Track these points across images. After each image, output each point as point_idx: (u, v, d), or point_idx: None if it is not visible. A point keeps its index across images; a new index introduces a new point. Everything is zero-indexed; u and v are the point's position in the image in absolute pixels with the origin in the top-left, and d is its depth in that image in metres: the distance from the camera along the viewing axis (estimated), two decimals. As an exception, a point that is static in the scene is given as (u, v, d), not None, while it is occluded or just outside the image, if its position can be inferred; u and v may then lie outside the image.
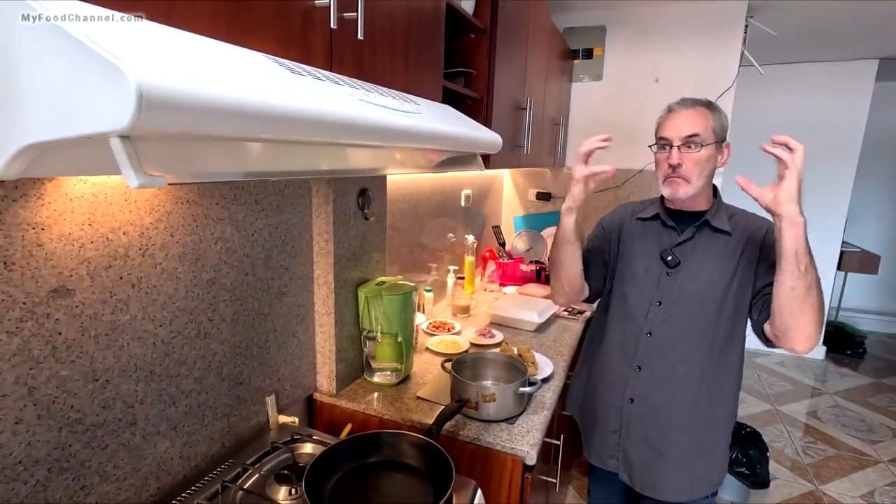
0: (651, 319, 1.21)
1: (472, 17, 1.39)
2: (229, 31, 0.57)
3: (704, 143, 1.10)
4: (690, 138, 1.10)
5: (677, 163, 1.11)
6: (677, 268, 1.19)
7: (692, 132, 1.10)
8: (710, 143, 1.10)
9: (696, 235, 1.18)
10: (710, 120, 1.11)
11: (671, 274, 1.19)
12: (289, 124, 0.44)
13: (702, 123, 1.10)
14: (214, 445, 1.04)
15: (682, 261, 1.18)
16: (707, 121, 1.11)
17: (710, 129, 1.11)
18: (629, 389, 1.23)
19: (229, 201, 1.00)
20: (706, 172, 1.13)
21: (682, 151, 1.11)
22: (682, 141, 1.10)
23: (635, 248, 1.28)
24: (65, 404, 0.75)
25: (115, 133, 0.32)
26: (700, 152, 1.10)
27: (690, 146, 1.10)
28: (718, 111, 1.15)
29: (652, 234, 1.26)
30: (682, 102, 1.15)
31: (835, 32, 2.92)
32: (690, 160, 1.10)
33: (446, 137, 0.82)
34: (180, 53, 0.39)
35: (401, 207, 1.75)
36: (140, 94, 0.30)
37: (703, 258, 1.17)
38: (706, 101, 1.15)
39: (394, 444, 1.02)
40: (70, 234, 0.73)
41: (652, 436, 1.21)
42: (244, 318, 1.07)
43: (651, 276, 1.22)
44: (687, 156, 1.11)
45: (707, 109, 1.13)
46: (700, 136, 1.10)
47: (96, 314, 0.78)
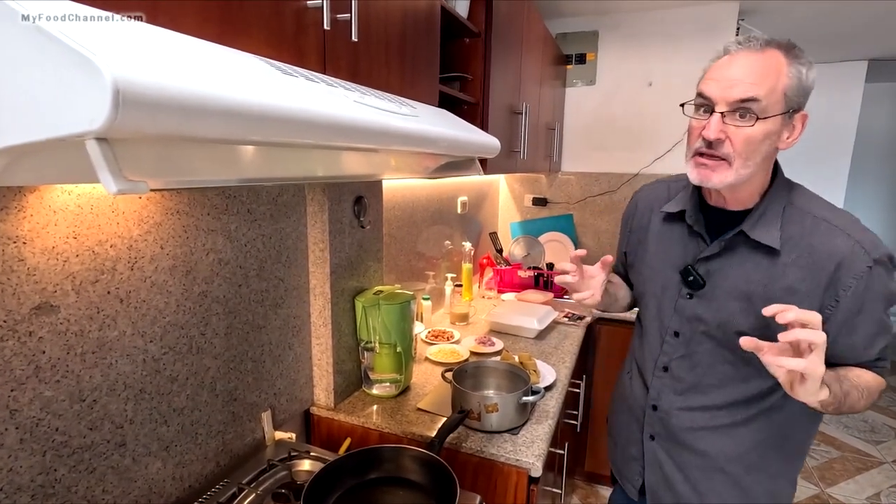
0: (666, 352, 0.98)
1: (466, 21, 1.38)
2: (219, 31, 0.54)
3: (766, 113, 0.75)
4: (745, 103, 0.75)
5: (716, 137, 0.77)
6: (702, 291, 0.90)
7: (748, 95, 0.74)
8: (776, 115, 0.75)
9: (727, 249, 0.88)
10: (784, 75, 0.75)
11: (693, 297, 0.92)
12: (280, 126, 0.42)
13: (769, 81, 0.74)
14: (209, 465, 1.00)
15: (708, 281, 0.90)
16: (778, 76, 0.75)
17: (780, 92, 0.75)
18: (648, 426, 1.04)
19: (221, 211, 0.97)
20: (760, 156, 0.78)
21: (728, 121, 0.77)
22: (731, 106, 0.76)
23: (651, 256, 1.02)
24: (49, 426, 0.71)
25: (92, 135, 0.29)
26: (755, 127, 0.75)
27: (743, 115, 0.76)
28: (800, 60, 0.76)
29: (675, 238, 0.97)
30: (746, 41, 0.78)
31: (825, 34, 2.94)
32: (739, 137, 0.76)
33: (445, 140, 0.80)
34: (163, 51, 0.37)
35: (397, 215, 1.72)
36: (116, 90, 0.28)
37: (736, 284, 0.87)
38: (785, 43, 0.77)
39: (395, 458, 0.99)
40: (54, 248, 0.70)
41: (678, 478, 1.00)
42: (238, 332, 1.04)
43: (668, 297, 0.97)
44: (735, 129, 0.77)
45: (783, 55, 0.76)
46: (761, 101, 0.74)
47: (82, 331, 0.74)
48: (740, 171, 0.79)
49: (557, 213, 2.94)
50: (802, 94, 0.78)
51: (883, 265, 0.80)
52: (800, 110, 0.79)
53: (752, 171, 0.80)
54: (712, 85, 0.79)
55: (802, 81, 0.77)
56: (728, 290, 0.88)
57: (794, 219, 0.84)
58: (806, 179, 0.93)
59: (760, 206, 0.85)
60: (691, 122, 0.84)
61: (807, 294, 0.82)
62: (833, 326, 0.81)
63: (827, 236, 0.81)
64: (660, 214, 1.01)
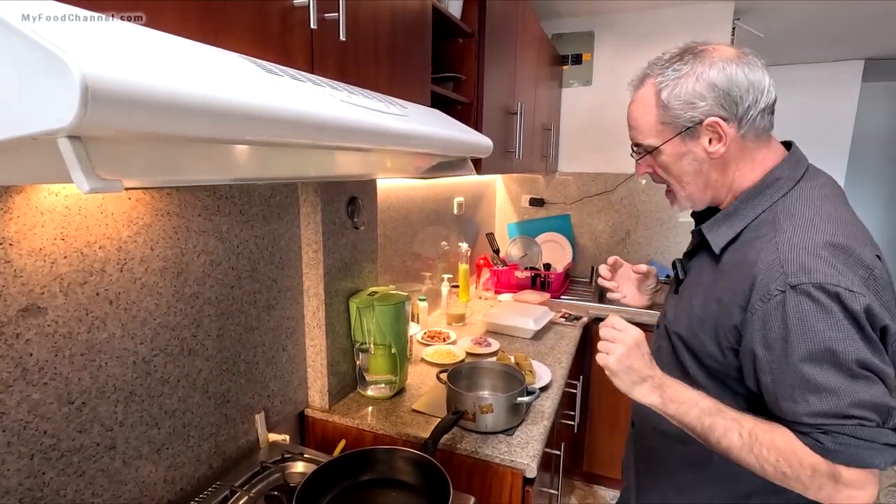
0: (656, 341, 0.97)
1: (459, 21, 1.38)
2: (201, 30, 0.54)
3: (654, 145, 0.78)
4: (638, 148, 0.82)
5: (641, 174, 0.85)
6: (683, 285, 0.89)
7: (635, 141, 0.82)
8: (667, 140, 0.77)
9: (698, 247, 0.87)
10: (652, 107, 0.77)
11: (679, 291, 0.90)
12: (263, 124, 0.41)
13: (643, 120, 0.79)
14: (201, 467, 0.99)
15: (688, 275, 0.89)
16: (647, 111, 0.77)
17: (656, 124, 0.77)
18: (633, 413, 1.06)
19: (212, 212, 0.97)
20: (689, 175, 0.79)
21: (639, 163, 0.84)
22: (636, 149, 0.83)
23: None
24: (37, 429, 0.71)
25: (61, 132, 0.29)
26: (660, 157, 0.79)
27: (641, 153, 0.82)
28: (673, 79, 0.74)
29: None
30: (632, 83, 0.82)
31: (820, 34, 2.94)
32: (658, 167, 0.82)
33: (435, 140, 0.80)
34: (138, 49, 0.36)
35: (392, 216, 1.72)
36: (85, 86, 0.27)
37: (690, 283, 0.87)
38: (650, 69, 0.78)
39: (388, 460, 0.98)
40: (41, 250, 0.70)
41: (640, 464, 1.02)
42: (230, 333, 1.03)
43: (670, 293, 0.97)
44: (648, 164, 0.83)
45: (653, 86, 0.76)
46: (644, 142, 0.80)
47: (71, 333, 0.74)
48: (681, 193, 0.82)
49: (554, 213, 2.94)
50: (690, 108, 0.74)
51: (806, 295, 0.63)
52: (701, 122, 0.74)
53: (695, 187, 0.80)
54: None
55: (675, 101, 0.74)
56: (686, 288, 0.87)
57: (761, 223, 0.75)
58: None
59: (730, 207, 0.79)
60: None
61: (728, 307, 0.73)
62: (745, 355, 0.71)
63: (760, 247, 0.71)
64: None
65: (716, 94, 0.72)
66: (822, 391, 0.63)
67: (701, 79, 0.73)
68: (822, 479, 0.64)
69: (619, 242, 2.78)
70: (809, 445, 0.64)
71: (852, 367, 0.62)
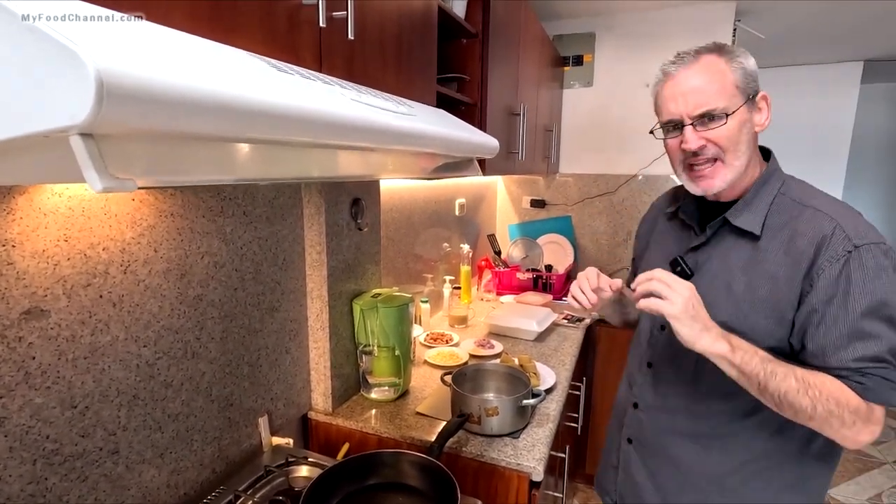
0: (652, 346, 0.97)
1: (463, 21, 1.37)
2: (210, 29, 0.53)
3: (729, 109, 0.78)
4: (706, 115, 0.80)
5: (698, 146, 0.81)
6: (696, 278, 0.89)
7: (708, 107, 0.79)
8: (739, 107, 0.79)
9: (713, 238, 0.89)
10: (729, 73, 0.79)
11: None
12: (275, 122, 0.40)
13: (716, 83, 0.79)
14: (204, 472, 0.98)
15: (697, 272, 0.89)
16: (724, 77, 0.79)
17: (732, 87, 0.79)
18: (626, 428, 1.02)
19: (216, 214, 0.96)
20: (744, 145, 0.81)
21: (700, 130, 0.80)
22: (696, 119, 0.80)
23: (652, 251, 1.03)
24: (40, 434, 0.70)
25: (75, 129, 0.28)
26: (728, 124, 0.79)
27: (711, 119, 0.80)
28: (734, 55, 0.81)
29: (673, 234, 0.99)
30: (680, 59, 0.83)
31: (820, 35, 2.95)
32: (719, 136, 0.80)
33: (443, 140, 0.79)
34: (151, 45, 0.35)
35: (394, 217, 1.71)
36: (100, 82, 0.26)
37: (719, 272, 0.86)
38: (713, 46, 0.82)
39: (394, 464, 0.97)
40: (44, 252, 0.68)
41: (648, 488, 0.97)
42: (234, 336, 1.02)
43: None
44: (711, 133, 0.80)
45: (719, 57, 0.80)
46: (719, 105, 0.79)
47: (74, 336, 0.73)
48: (734, 163, 0.82)
49: (556, 214, 2.93)
50: (752, 79, 0.81)
51: (870, 254, 0.73)
52: (757, 93, 0.82)
53: (744, 160, 0.82)
54: (671, 105, 0.83)
55: (747, 69, 0.81)
56: (712, 278, 0.87)
57: (783, 207, 0.83)
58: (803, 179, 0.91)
59: (748, 194, 0.85)
60: (667, 142, 0.88)
61: (786, 281, 0.78)
62: (802, 314, 0.77)
63: (811, 220, 0.79)
64: (664, 217, 1.04)
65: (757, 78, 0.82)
66: (868, 338, 0.72)
67: (750, 60, 0.81)
68: (858, 417, 0.72)
69: (620, 244, 2.78)
70: (851, 387, 0.72)
71: (894, 317, 0.72)
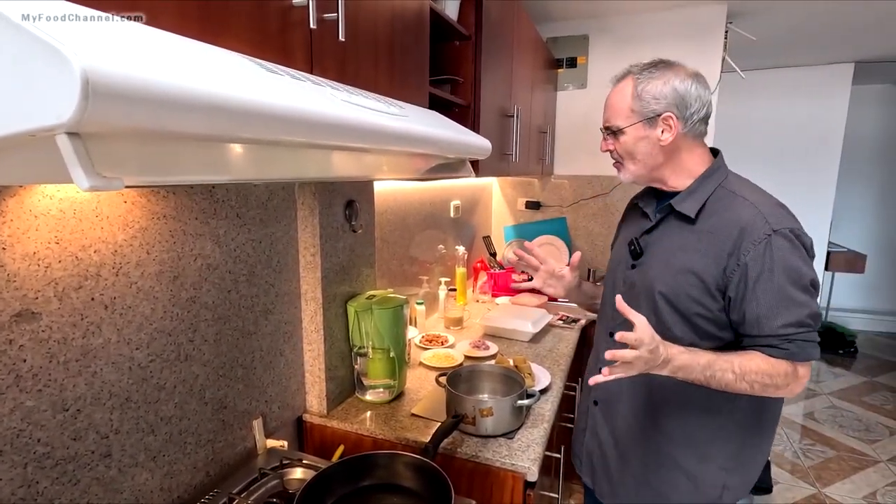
0: (613, 318, 1.08)
1: (456, 23, 1.37)
2: (200, 29, 0.53)
3: (622, 127, 0.98)
4: (609, 128, 1.01)
5: (604, 150, 1.04)
6: (640, 260, 1.05)
7: (608, 123, 1.01)
8: (632, 124, 0.97)
9: (662, 222, 1.04)
10: (628, 97, 0.97)
11: (635, 267, 1.06)
12: (263, 122, 0.41)
13: (619, 105, 0.99)
14: (198, 475, 0.98)
15: (645, 252, 1.05)
16: (625, 100, 0.98)
17: (628, 110, 0.97)
18: (593, 391, 1.14)
19: (209, 216, 0.96)
20: (642, 154, 0.99)
21: (608, 139, 1.03)
22: (605, 130, 1.03)
23: (619, 237, 1.20)
24: (31, 437, 0.69)
25: (61, 128, 0.28)
26: (623, 137, 0.99)
27: (612, 133, 1.01)
28: (643, 79, 0.97)
29: (634, 220, 1.15)
30: (615, 77, 1.03)
31: (812, 37, 2.97)
32: (617, 146, 1.01)
33: (434, 141, 0.79)
34: (138, 44, 0.36)
35: (389, 219, 1.71)
36: (86, 80, 0.26)
37: (663, 251, 1.01)
38: (638, 68, 0.99)
39: (388, 465, 0.97)
40: (35, 254, 0.68)
41: (609, 442, 1.12)
42: (227, 338, 1.02)
43: (620, 269, 1.11)
44: (614, 141, 1.02)
45: (632, 78, 0.98)
46: (615, 123, 0.99)
47: (65, 339, 0.73)
48: (631, 167, 1.01)
49: (551, 216, 2.94)
50: (655, 102, 0.95)
51: (784, 237, 0.88)
52: (660, 115, 0.96)
53: (643, 165, 1.00)
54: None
55: (652, 93, 0.95)
56: (656, 256, 1.02)
57: (720, 197, 0.97)
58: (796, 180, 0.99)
59: (692, 185, 1.00)
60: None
61: (714, 258, 0.92)
62: (735, 290, 0.91)
63: (737, 208, 0.93)
64: (630, 206, 1.21)
65: (674, 97, 0.95)
66: (792, 305, 0.87)
67: (668, 83, 0.95)
68: (790, 378, 0.89)
69: (615, 245, 2.79)
70: (779, 356, 0.88)
71: (808, 287, 0.89)
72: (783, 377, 0.88)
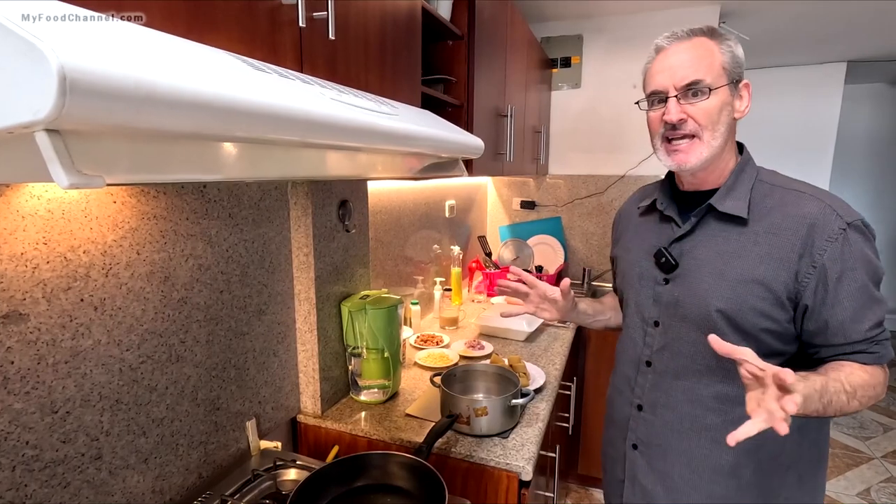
0: (648, 345, 0.94)
1: (449, 22, 1.37)
2: (187, 27, 0.53)
3: (713, 86, 0.81)
4: (692, 86, 0.81)
5: (678, 119, 0.82)
6: (675, 273, 0.89)
7: (694, 78, 0.81)
8: (722, 85, 0.81)
9: (698, 226, 0.89)
10: (718, 53, 0.82)
11: (669, 282, 0.90)
12: (249, 120, 0.40)
13: (705, 60, 0.81)
14: (190, 477, 0.97)
15: (681, 263, 0.89)
16: (712, 56, 0.82)
17: (719, 66, 0.81)
18: (631, 433, 0.98)
19: (201, 216, 0.95)
20: (723, 125, 0.82)
21: (683, 103, 0.82)
22: (682, 90, 0.82)
23: (630, 248, 1.02)
24: (19, 440, 0.69)
25: (39, 125, 0.28)
26: (710, 100, 0.81)
27: (696, 94, 0.81)
28: (725, 39, 0.84)
29: (650, 227, 0.98)
30: (673, 35, 0.86)
31: (804, 36, 2.99)
32: (699, 111, 0.81)
33: (425, 139, 0.79)
34: (121, 41, 0.35)
35: (383, 219, 1.71)
36: (63, 76, 0.26)
37: (710, 260, 0.86)
38: (706, 28, 0.85)
39: (382, 465, 0.97)
40: (23, 255, 0.68)
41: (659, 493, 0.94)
42: (220, 339, 1.01)
43: (646, 286, 0.95)
44: (692, 107, 0.82)
45: (710, 39, 0.83)
46: (705, 79, 0.81)
47: (54, 340, 0.72)
48: (711, 142, 0.83)
49: (546, 215, 2.95)
50: (738, 66, 0.84)
51: (857, 230, 0.78)
52: (741, 80, 0.85)
53: (721, 141, 0.83)
54: (659, 77, 0.85)
55: (735, 55, 0.83)
56: (700, 266, 0.87)
57: (764, 191, 0.86)
58: None
59: (728, 181, 0.87)
60: (649, 115, 0.88)
61: (781, 262, 0.80)
62: (812, 297, 0.79)
63: (797, 201, 0.82)
64: (636, 213, 1.05)
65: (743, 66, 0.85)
66: (875, 304, 0.79)
67: (740, 49, 0.84)
68: (885, 383, 0.79)
69: (609, 244, 2.79)
70: (871, 362, 0.78)
71: (880, 283, 0.80)
72: (882, 385, 0.78)
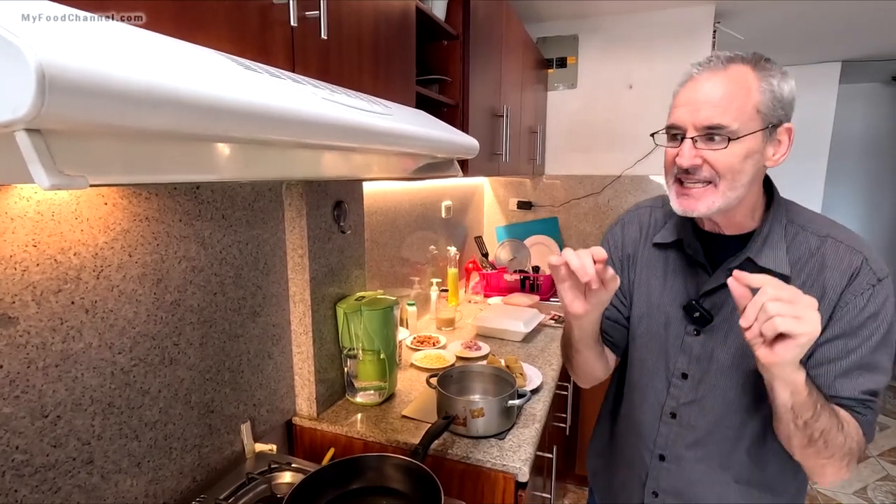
0: (674, 396, 0.87)
1: (443, 22, 1.37)
2: (176, 26, 0.52)
3: (739, 133, 0.69)
4: (714, 130, 0.69)
5: (691, 164, 0.71)
6: (709, 326, 0.82)
7: (718, 122, 0.69)
8: (752, 133, 0.69)
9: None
10: (754, 92, 0.69)
11: (700, 333, 0.83)
12: (237, 119, 0.40)
13: (737, 100, 0.69)
14: (184, 480, 0.96)
15: (716, 315, 0.81)
16: (747, 95, 0.69)
17: (752, 109, 0.69)
18: (652, 481, 0.92)
19: (193, 217, 0.94)
20: (746, 177, 0.71)
21: (700, 146, 0.71)
22: (700, 131, 0.70)
23: (651, 290, 0.90)
24: (8, 445, 0.68)
25: (18, 123, 0.27)
26: (729, 149, 0.69)
27: (712, 138, 0.70)
28: (769, 73, 0.70)
29: (675, 269, 0.88)
30: (707, 62, 0.73)
31: (799, 36, 3.00)
32: (717, 159, 0.70)
33: (419, 139, 0.78)
34: (104, 40, 0.35)
35: (379, 220, 1.70)
36: (41, 74, 0.26)
37: None
38: (749, 56, 0.71)
39: (378, 467, 0.96)
40: (12, 257, 0.67)
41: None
42: (214, 341, 1.01)
43: (673, 335, 0.86)
44: (710, 153, 0.71)
45: (752, 70, 0.70)
46: (729, 125, 0.68)
47: (44, 343, 0.71)
48: (728, 193, 0.72)
49: (542, 216, 2.95)
50: (781, 107, 0.71)
51: (883, 287, 0.73)
52: (781, 124, 0.72)
53: (741, 193, 0.73)
54: (680, 112, 0.73)
55: (776, 94, 0.70)
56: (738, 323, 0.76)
57: (798, 239, 0.78)
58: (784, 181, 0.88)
59: (763, 228, 0.78)
60: (666, 150, 0.78)
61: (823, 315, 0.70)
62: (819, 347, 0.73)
63: (836, 253, 0.75)
64: (648, 244, 0.92)
65: (791, 108, 0.73)
66: (876, 370, 0.72)
67: (789, 85, 0.72)
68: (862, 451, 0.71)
69: (606, 244, 2.79)
70: (858, 421, 0.72)
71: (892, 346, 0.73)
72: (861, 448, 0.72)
